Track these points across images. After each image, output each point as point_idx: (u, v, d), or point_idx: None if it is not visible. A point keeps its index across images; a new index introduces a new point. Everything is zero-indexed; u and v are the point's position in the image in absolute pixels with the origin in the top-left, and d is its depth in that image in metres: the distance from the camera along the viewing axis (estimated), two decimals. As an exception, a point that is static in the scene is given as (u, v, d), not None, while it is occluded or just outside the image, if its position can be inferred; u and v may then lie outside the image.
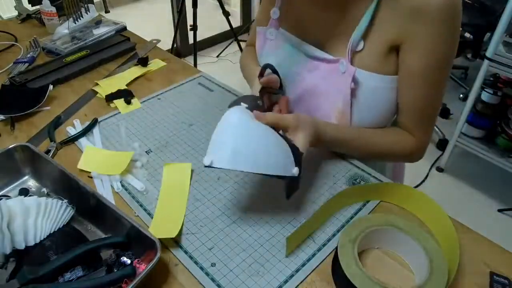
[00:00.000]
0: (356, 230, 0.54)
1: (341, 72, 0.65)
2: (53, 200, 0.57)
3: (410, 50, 0.61)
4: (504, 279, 0.52)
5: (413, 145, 0.69)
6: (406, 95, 0.65)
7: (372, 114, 0.68)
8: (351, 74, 0.63)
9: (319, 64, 0.70)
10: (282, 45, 0.75)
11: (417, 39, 0.60)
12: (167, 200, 0.63)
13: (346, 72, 0.64)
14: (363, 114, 0.67)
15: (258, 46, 0.80)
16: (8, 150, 0.65)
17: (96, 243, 0.52)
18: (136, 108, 0.85)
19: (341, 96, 0.66)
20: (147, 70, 0.98)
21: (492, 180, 1.88)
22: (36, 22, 1.24)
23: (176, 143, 0.75)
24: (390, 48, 0.63)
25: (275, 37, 0.76)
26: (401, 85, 0.65)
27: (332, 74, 0.67)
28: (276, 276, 0.53)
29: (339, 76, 0.66)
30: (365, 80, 0.64)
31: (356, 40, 0.63)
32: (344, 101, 0.66)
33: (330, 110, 0.69)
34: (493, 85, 1.75)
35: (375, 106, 0.67)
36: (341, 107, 0.67)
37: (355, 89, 0.65)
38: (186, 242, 0.57)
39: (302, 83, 0.73)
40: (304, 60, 0.72)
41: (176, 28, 2.46)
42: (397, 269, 0.54)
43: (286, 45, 0.75)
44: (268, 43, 0.78)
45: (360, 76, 0.64)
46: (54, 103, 0.87)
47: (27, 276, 0.47)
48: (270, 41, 0.77)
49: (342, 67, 0.65)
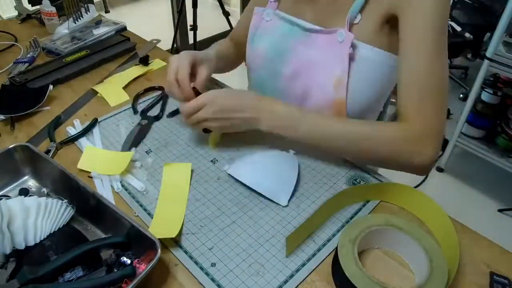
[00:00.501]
0: (356, 230, 0.54)
1: (339, 41, 0.68)
2: (53, 200, 0.57)
3: (406, 17, 0.62)
4: (504, 279, 0.52)
5: (406, 131, 0.61)
6: (406, 64, 0.63)
7: (368, 85, 0.70)
8: (349, 40, 0.66)
9: (316, 36, 0.72)
10: (278, 24, 0.78)
11: (413, 4, 0.60)
12: (167, 200, 0.63)
13: (344, 41, 0.67)
14: (359, 83, 0.69)
15: (253, 26, 0.82)
16: (8, 150, 0.65)
17: (96, 243, 0.52)
18: (124, 100, 0.87)
19: (339, 64, 0.68)
20: (147, 70, 0.98)
21: (492, 180, 1.88)
22: (36, 22, 1.24)
23: (176, 143, 0.75)
24: (385, 20, 0.65)
25: (271, 18, 0.79)
26: (401, 58, 0.64)
27: (329, 44, 0.70)
28: (276, 276, 0.53)
29: (336, 45, 0.68)
30: (362, 50, 0.67)
31: (354, 13, 0.66)
32: (341, 69, 0.68)
33: (328, 79, 0.70)
34: (493, 85, 1.75)
35: (371, 77, 0.69)
36: (339, 74, 0.69)
37: (352, 56, 0.67)
38: (186, 242, 0.57)
39: (298, 57, 0.75)
40: (300, 35, 0.74)
41: (176, 28, 2.46)
42: (397, 269, 0.54)
43: (282, 23, 0.77)
44: (264, 23, 0.80)
45: (358, 45, 0.67)
46: (54, 103, 0.87)
47: (27, 276, 0.47)
48: (266, 21, 0.79)
49: (340, 36, 0.67)
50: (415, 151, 0.61)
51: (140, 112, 0.83)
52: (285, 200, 0.62)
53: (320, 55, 0.71)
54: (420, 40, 0.61)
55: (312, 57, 0.72)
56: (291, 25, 0.75)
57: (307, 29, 0.73)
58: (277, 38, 0.77)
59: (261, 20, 0.80)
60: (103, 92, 0.89)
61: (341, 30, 0.67)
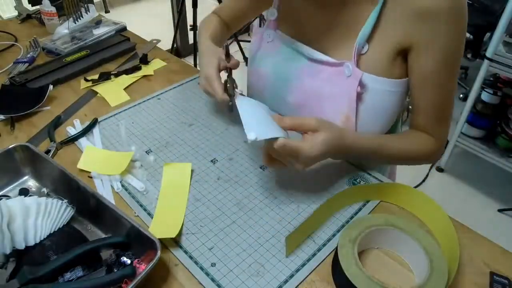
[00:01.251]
0: (356, 230, 0.54)
1: (346, 75, 0.64)
2: (53, 200, 0.57)
3: (421, 51, 0.61)
4: (504, 279, 0.52)
5: (434, 145, 0.69)
6: (422, 96, 0.65)
7: (378, 117, 0.67)
8: (357, 77, 0.63)
9: (321, 67, 0.69)
10: (280, 46, 0.74)
11: (428, 39, 0.59)
12: (167, 200, 0.63)
13: (351, 76, 0.64)
14: (368, 118, 0.66)
15: (253, 47, 0.79)
16: (8, 150, 0.65)
17: (96, 243, 0.52)
18: (125, 100, 0.86)
19: (346, 100, 0.65)
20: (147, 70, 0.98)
21: (492, 180, 1.88)
22: (36, 22, 1.24)
23: (176, 143, 0.75)
24: (397, 51, 0.62)
25: (272, 38, 0.75)
26: (415, 87, 0.65)
27: (336, 78, 0.66)
28: (276, 276, 0.53)
29: (344, 79, 0.65)
30: (371, 83, 0.64)
31: (361, 43, 0.62)
32: (349, 105, 0.65)
33: (335, 114, 0.68)
34: (493, 85, 1.75)
35: (380, 109, 0.66)
36: (346, 111, 0.66)
37: (361, 93, 0.64)
38: (186, 242, 0.57)
39: (303, 86, 0.71)
40: (304, 63, 0.71)
41: (176, 28, 2.46)
42: (397, 269, 0.54)
43: (284, 46, 0.73)
44: (265, 44, 0.76)
45: (366, 80, 0.63)
46: (54, 103, 0.87)
47: (27, 276, 0.47)
48: (267, 42, 0.76)
49: (347, 70, 0.64)
50: (436, 158, 0.72)
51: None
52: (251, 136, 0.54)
53: (327, 87, 0.68)
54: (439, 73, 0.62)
55: (318, 90, 0.69)
56: (294, 51, 0.72)
57: (312, 59, 0.69)
58: (280, 63, 0.74)
59: (262, 41, 0.77)
60: (103, 93, 0.89)
61: (348, 63, 0.64)
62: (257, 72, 0.78)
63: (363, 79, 0.63)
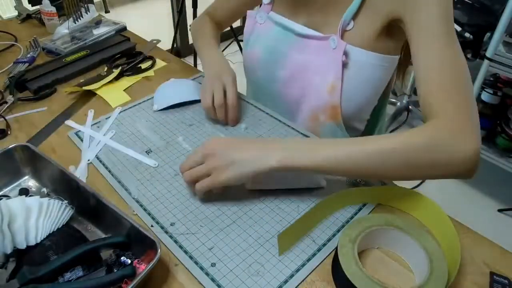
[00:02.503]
0: (356, 230, 0.54)
1: (332, 48, 0.69)
2: (54, 201, 0.57)
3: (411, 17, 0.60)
4: (504, 279, 0.52)
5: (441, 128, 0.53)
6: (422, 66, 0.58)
7: (362, 87, 0.71)
8: (342, 48, 0.68)
9: (309, 41, 0.74)
10: (271, 27, 0.79)
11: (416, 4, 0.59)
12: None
13: (336, 48, 0.68)
14: (353, 88, 0.71)
15: (247, 30, 0.83)
16: (8, 150, 0.65)
17: (96, 243, 0.52)
18: (125, 101, 0.87)
19: (332, 70, 0.70)
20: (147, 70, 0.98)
21: (492, 180, 1.88)
22: (36, 22, 1.24)
23: (176, 143, 0.75)
24: (384, 25, 0.65)
25: (264, 20, 0.80)
26: (415, 58, 0.60)
27: (322, 50, 0.71)
28: (276, 276, 0.53)
29: (329, 51, 0.70)
30: (355, 56, 0.68)
31: (347, 20, 0.67)
32: (335, 75, 0.70)
33: (322, 84, 0.72)
34: (493, 85, 1.75)
35: (364, 81, 0.70)
36: (333, 80, 0.70)
37: (346, 63, 0.69)
38: (186, 242, 0.57)
39: (292, 62, 0.76)
40: (293, 39, 0.76)
41: (176, 28, 2.46)
42: (397, 269, 0.54)
43: (275, 27, 0.78)
44: (258, 26, 0.81)
45: (350, 51, 0.68)
46: (54, 103, 0.87)
47: (27, 276, 0.47)
48: (260, 24, 0.81)
49: (332, 42, 0.69)
50: (453, 148, 0.52)
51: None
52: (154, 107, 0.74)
53: (314, 60, 0.73)
54: (430, 35, 0.58)
55: (306, 62, 0.74)
56: (284, 29, 0.77)
57: (300, 34, 0.74)
58: (271, 42, 0.79)
59: (255, 23, 0.81)
60: (104, 94, 0.89)
61: (334, 36, 0.69)
62: (251, 54, 0.83)
63: (347, 49, 0.68)
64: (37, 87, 0.88)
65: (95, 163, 0.70)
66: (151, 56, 1.03)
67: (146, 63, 1.01)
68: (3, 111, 0.82)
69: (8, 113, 0.83)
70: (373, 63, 0.69)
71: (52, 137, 0.77)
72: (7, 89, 0.88)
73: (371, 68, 0.70)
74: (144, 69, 0.98)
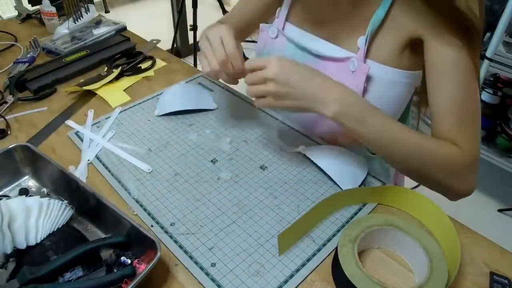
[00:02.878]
0: (356, 230, 0.54)
1: (351, 70, 0.64)
2: (54, 201, 0.57)
3: (435, 42, 0.58)
4: (504, 279, 0.52)
5: (462, 156, 0.58)
6: (441, 94, 0.59)
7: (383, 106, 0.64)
8: (364, 72, 0.62)
9: (326, 63, 0.69)
10: (284, 43, 0.74)
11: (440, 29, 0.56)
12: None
13: (356, 70, 0.63)
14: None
15: (259, 44, 0.79)
16: (8, 150, 0.65)
17: (96, 243, 0.52)
18: (125, 101, 0.87)
19: None
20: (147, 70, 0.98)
21: (492, 180, 1.88)
22: (36, 22, 1.24)
23: (176, 143, 0.75)
24: (407, 42, 0.61)
25: (276, 35, 0.75)
26: (433, 85, 0.60)
27: (341, 73, 0.66)
28: (276, 276, 0.53)
29: (349, 74, 0.64)
30: (378, 73, 0.63)
31: (370, 34, 0.62)
32: None
33: None
34: (493, 85, 1.75)
35: (386, 99, 0.65)
36: None
37: (366, 85, 0.63)
38: (186, 242, 0.57)
39: None
40: (310, 60, 0.71)
41: (176, 28, 2.46)
42: (397, 269, 0.54)
43: (290, 45, 0.74)
44: (270, 41, 0.77)
45: (373, 70, 0.63)
46: (54, 103, 0.87)
47: (27, 276, 0.47)
48: (271, 39, 0.76)
49: (352, 65, 0.64)
50: (464, 177, 0.60)
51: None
52: (348, 186, 0.65)
53: None
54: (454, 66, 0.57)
55: None
56: (298, 49, 0.72)
57: (318, 56, 0.69)
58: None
59: (267, 38, 0.77)
60: (104, 94, 0.89)
61: (353, 58, 0.64)
62: None
63: (369, 72, 0.62)
64: (37, 87, 0.88)
65: (95, 163, 0.70)
66: (151, 56, 1.03)
67: (146, 63, 1.01)
68: (3, 111, 0.82)
69: (8, 113, 0.83)
70: (396, 80, 0.63)
71: (52, 137, 0.77)
72: (7, 89, 0.88)
73: (394, 86, 0.64)
74: (144, 69, 0.98)
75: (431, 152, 0.58)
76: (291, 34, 0.74)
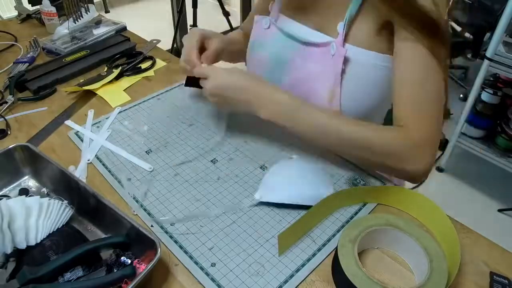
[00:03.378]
0: (356, 230, 0.54)
1: (331, 54, 0.68)
2: (54, 201, 0.57)
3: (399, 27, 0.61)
4: (504, 279, 0.52)
5: (405, 138, 0.60)
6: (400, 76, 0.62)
7: (362, 91, 0.69)
8: (341, 55, 0.66)
9: (311, 49, 0.73)
10: (276, 33, 0.78)
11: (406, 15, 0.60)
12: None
13: (335, 54, 0.67)
14: (354, 93, 0.69)
15: (254, 35, 0.83)
16: (8, 150, 0.65)
17: (96, 243, 0.52)
18: (125, 101, 0.87)
19: (332, 76, 0.68)
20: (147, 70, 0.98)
21: (492, 180, 1.88)
22: (36, 22, 1.24)
23: (176, 143, 0.75)
24: (383, 25, 0.64)
25: (269, 25, 0.79)
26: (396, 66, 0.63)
27: (323, 57, 0.70)
28: (276, 276, 0.53)
29: (329, 58, 0.69)
30: (356, 56, 0.67)
31: (349, 19, 0.66)
32: (335, 81, 0.68)
33: (323, 92, 0.71)
34: (493, 85, 1.75)
35: (365, 82, 0.68)
36: (332, 87, 0.69)
37: (345, 67, 0.67)
38: (186, 242, 0.57)
39: (296, 69, 0.75)
40: (298, 47, 0.75)
41: (176, 28, 2.46)
42: (397, 269, 0.54)
43: (280, 34, 0.77)
44: (262, 31, 0.81)
45: (351, 53, 0.66)
46: (54, 103, 0.87)
47: (27, 276, 0.47)
48: (264, 29, 0.80)
49: (332, 49, 0.68)
50: (410, 158, 0.61)
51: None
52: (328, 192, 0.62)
53: (315, 67, 0.72)
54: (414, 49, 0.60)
55: (309, 70, 0.73)
56: (288, 37, 0.76)
57: (304, 42, 0.73)
58: (277, 49, 0.78)
59: (260, 28, 0.81)
60: (104, 94, 0.89)
61: (333, 42, 0.67)
62: (255, 58, 0.82)
63: (347, 54, 0.66)
64: (37, 87, 0.88)
65: (94, 162, 0.70)
66: (151, 56, 1.03)
67: (146, 63, 1.01)
68: (3, 111, 0.82)
69: (8, 113, 0.83)
70: (376, 63, 0.66)
71: (52, 137, 0.77)
72: (7, 89, 0.88)
73: (373, 69, 0.67)
74: (144, 69, 0.98)
75: (367, 139, 0.61)
76: (282, 24, 0.78)
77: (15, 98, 0.86)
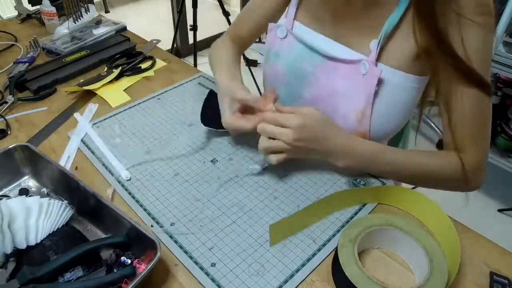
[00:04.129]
0: (356, 230, 0.54)
1: (362, 73, 0.64)
2: (54, 200, 0.57)
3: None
4: (504, 279, 0.52)
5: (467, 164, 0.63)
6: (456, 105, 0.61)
7: (393, 112, 0.66)
8: (376, 75, 0.62)
9: (336, 64, 0.68)
10: (293, 43, 0.73)
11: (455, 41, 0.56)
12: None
13: (368, 73, 0.63)
14: (384, 112, 0.66)
15: (268, 43, 0.78)
16: (8, 150, 0.65)
17: (96, 243, 0.52)
18: (125, 101, 0.87)
19: (362, 97, 0.65)
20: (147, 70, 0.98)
21: (492, 180, 1.88)
22: (36, 22, 1.24)
23: (176, 143, 0.75)
24: (421, 49, 0.60)
25: (285, 35, 0.74)
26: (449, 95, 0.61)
27: (352, 75, 0.66)
28: (276, 276, 0.53)
29: (360, 77, 0.64)
30: (389, 77, 0.63)
31: (384, 38, 0.61)
32: (366, 101, 0.65)
33: (349, 110, 0.67)
34: (493, 85, 1.75)
35: (396, 104, 0.65)
36: (362, 108, 0.66)
37: (378, 88, 0.63)
38: (186, 242, 0.57)
39: (319, 85, 0.71)
40: (319, 60, 0.70)
41: (176, 28, 2.46)
42: (397, 269, 0.54)
43: (297, 43, 0.73)
44: (278, 41, 0.75)
45: (384, 74, 0.62)
46: (54, 103, 0.87)
47: (27, 276, 0.47)
48: (280, 39, 0.75)
49: (363, 68, 0.63)
50: (473, 179, 0.65)
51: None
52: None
53: (342, 85, 0.68)
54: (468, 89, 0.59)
55: (335, 87, 0.69)
56: (307, 48, 0.71)
57: (327, 56, 0.69)
58: (294, 59, 0.73)
59: (275, 38, 0.76)
60: (104, 94, 0.89)
61: (365, 61, 0.63)
62: (272, 69, 0.78)
63: (380, 76, 0.62)
64: (37, 87, 0.88)
65: (94, 162, 0.70)
66: (151, 56, 1.03)
67: (146, 63, 1.01)
68: (3, 111, 0.82)
69: (8, 113, 0.83)
70: (407, 85, 0.63)
71: (52, 137, 0.77)
72: (7, 89, 0.88)
73: (404, 91, 0.63)
74: (144, 69, 0.98)
75: (436, 171, 0.65)
76: (300, 33, 0.73)
77: (15, 98, 0.86)
